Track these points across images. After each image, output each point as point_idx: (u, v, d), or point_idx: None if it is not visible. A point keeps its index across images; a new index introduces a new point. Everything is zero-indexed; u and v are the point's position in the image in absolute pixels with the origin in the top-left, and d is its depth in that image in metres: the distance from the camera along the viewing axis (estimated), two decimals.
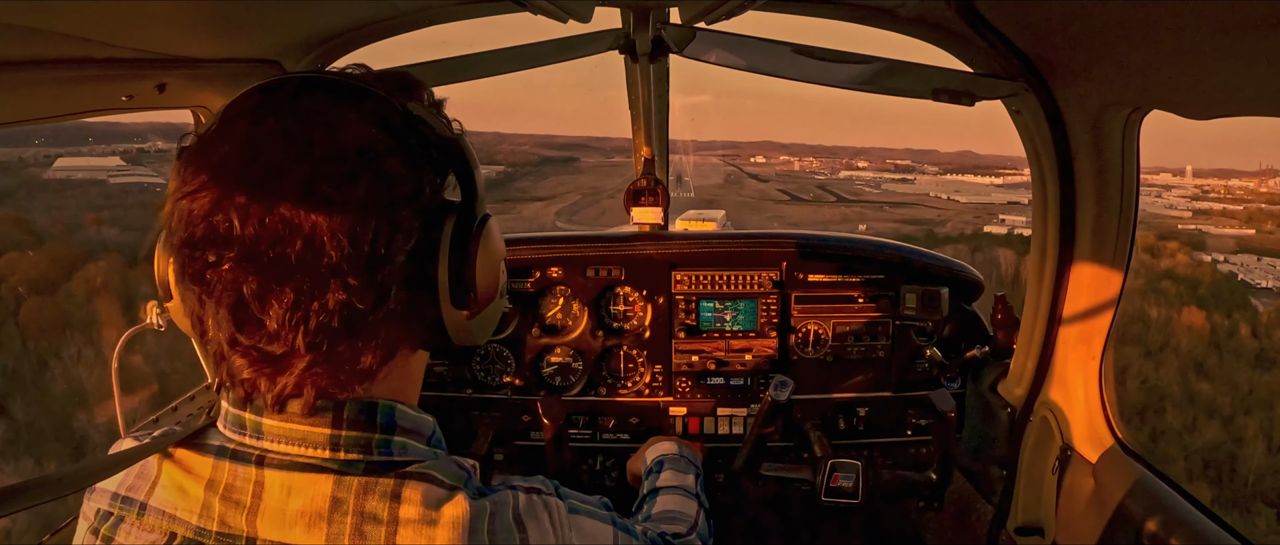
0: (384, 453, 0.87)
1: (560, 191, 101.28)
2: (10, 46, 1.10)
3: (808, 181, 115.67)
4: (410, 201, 0.84)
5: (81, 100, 1.37)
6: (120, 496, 0.89)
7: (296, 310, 0.78)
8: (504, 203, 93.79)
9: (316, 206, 0.77)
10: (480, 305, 0.93)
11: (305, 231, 0.77)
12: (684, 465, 1.90)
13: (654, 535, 1.28)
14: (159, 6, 1.24)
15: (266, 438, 0.85)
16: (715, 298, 2.61)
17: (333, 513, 0.82)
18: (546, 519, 0.92)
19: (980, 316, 2.63)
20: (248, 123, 0.81)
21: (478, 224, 0.92)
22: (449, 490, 0.86)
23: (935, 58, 1.89)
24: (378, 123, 0.83)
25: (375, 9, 1.91)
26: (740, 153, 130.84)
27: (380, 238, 0.80)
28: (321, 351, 0.80)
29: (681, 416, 2.65)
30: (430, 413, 0.98)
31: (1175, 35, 1.26)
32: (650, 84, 2.47)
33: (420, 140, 0.87)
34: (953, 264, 2.65)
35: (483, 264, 0.92)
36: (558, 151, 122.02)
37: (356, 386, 0.84)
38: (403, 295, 0.84)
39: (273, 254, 0.77)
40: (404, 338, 0.89)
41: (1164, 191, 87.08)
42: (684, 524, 1.55)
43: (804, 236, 2.63)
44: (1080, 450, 1.93)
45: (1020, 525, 2.16)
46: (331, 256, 0.77)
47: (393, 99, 0.87)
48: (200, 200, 0.78)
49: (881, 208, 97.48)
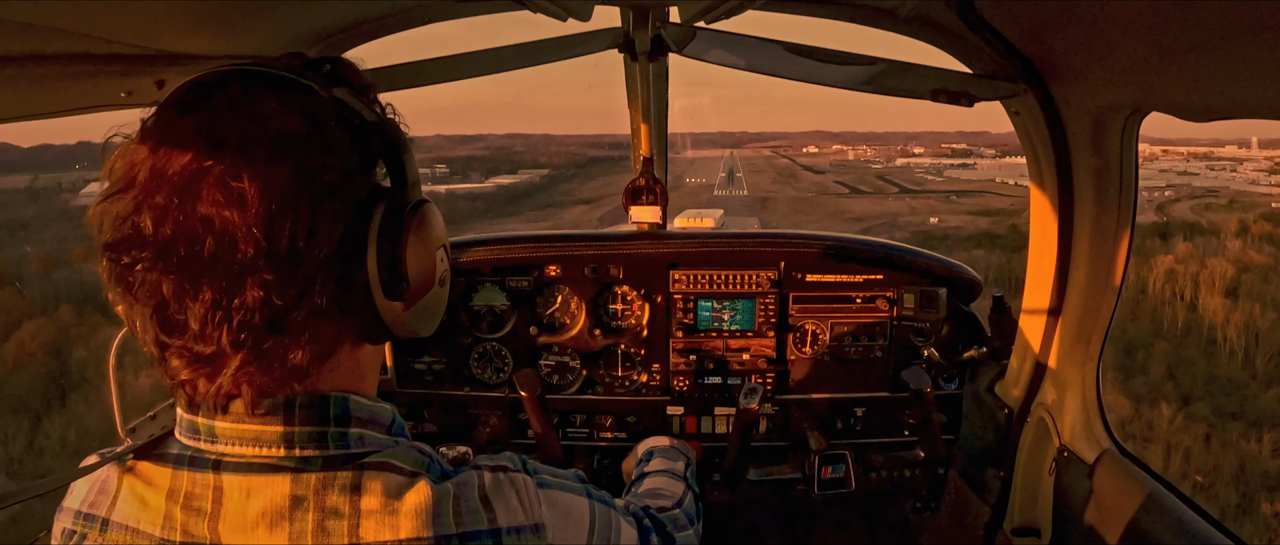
0: (341, 445, 0.85)
1: (607, 193, 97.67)
2: (10, 42, 1.10)
3: (864, 171, 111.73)
4: (334, 192, 0.81)
5: (81, 96, 1.37)
6: (83, 514, 0.88)
7: (216, 309, 0.76)
8: (546, 209, 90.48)
9: (231, 202, 0.75)
10: (416, 296, 0.91)
11: (217, 229, 0.75)
12: (673, 454, 1.91)
13: (636, 508, 1.27)
14: (159, 3, 1.24)
15: (221, 440, 0.84)
16: (713, 297, 2.61)
17: (294, 511, 0.81)
18: (514, 496, 0.91)
19: (978, 317, 2.63)
20: (168, 120, 0.80)
21: (409, 210, 0.89)
22: (410, 477, 0.85)
23: (935, 58, 1.90)
24: (300, 112, 0.81)
25: (375, 6, 1.91)
26: (791, 144, 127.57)
27: (298, 231, 0.78)
28: (249, 350, 0.79)
29: (679, 416, 2.66)
30: (429, 410, 0.97)
31: (1175, 36, 1.26)
32: (649, 83, 2.47)
33: (347, 127, 0.85)
34: (951, 264, 2.66)
35: (416, 253, 0.90)
36: (607, 151, 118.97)
37: (294, 383, 0.83)
38: (331, 289, 0.82)
39: (187, 253, 0.75)
40: (342, 332, 0.88)
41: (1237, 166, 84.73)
42: (668, 499, 1.54)
43: (802, 236, 2.64)
44: (1077, 451, 1.94)
45: (1017, 526, 2.17)
46: (246, 252, 0.76)
47: (318, 86, 0.85)
48: (120, 202, 0.78)
49: (948, 197, 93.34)
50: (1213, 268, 52.75)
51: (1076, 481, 1.91)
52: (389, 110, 0.92)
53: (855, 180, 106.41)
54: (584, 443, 2.68)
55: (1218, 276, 51.72)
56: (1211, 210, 72.29)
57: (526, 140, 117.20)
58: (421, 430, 2.68)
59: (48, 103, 1.34)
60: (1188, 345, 46.25)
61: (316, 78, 0.86)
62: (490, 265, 2.61)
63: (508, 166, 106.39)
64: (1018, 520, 2.16)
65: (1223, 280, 51.27)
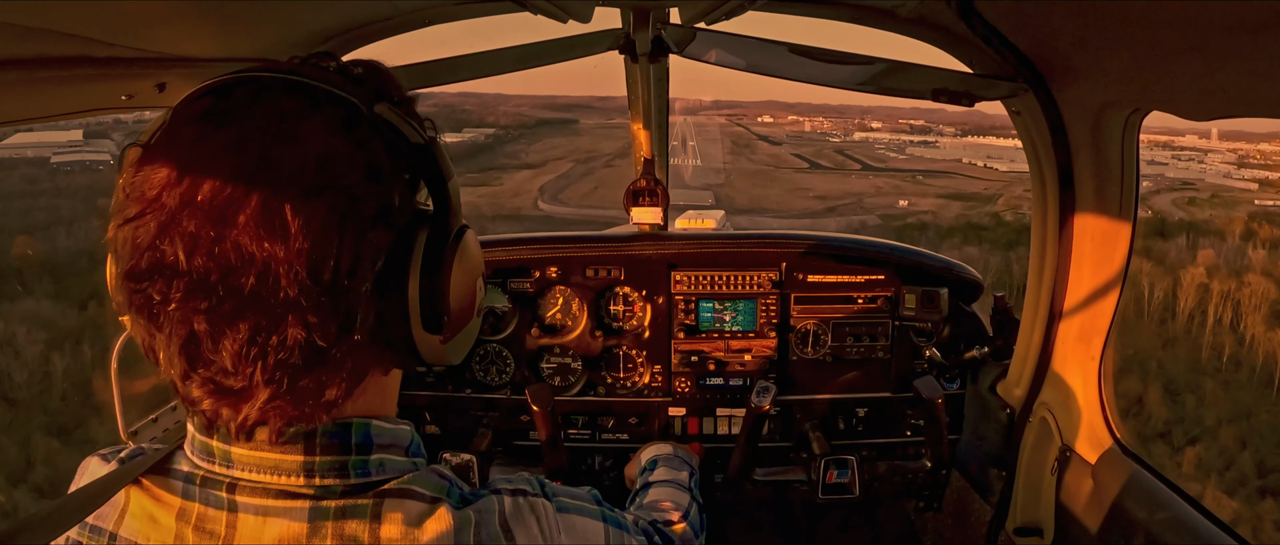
0: (361, 473, 0.82)
1: (552, 156, 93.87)
2: (9, 45, 1.09)
3: (822, 144, 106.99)
4: (378, 220, 0.76)
5: (81, 99, 1.37)
6: (90, 525, 0.85)
7: (252, 346, 0.72)
8: (486, 171, 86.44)
9: (272, 234, 0.70)
10: (455, 328, 0.87)
11: (258, 264, 0.70)
12: (677, 463, 1.91)
13: (645, 524, 1.26)
14: (159, 6, 1.24)
15: (236, 466, 0.80)
16: (714, 298, 2.61)
17: (310, 539, 0.78)
18: (534, 523, 0.89)
19: (980, 317, 2.63)
20: (195, 135, 0.73)
21: (453, 238, 0.84)
22: (431, 503, 0.83)
23: (935, 58, 1.90)
24: (341, 131, 0.75)
25: (375, 8, 1.91)
26: (746, 113, 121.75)
27: (343, 265, 0.73)
28: (282, 387, 0.75)
29: (680, 417, 2.65)
30: (430, 413, 0.96)
31: (1175, 36, 1.26)
32: (650, 84, 2.47)
33: (389, 148, 0.79)
34: (952, 264, 2.66)
35: (458, 282, 0.85)
36: (557, 113, 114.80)
37: (323, 415, 0.79)
38: (370, 322, 0.77)
39: (223, 289, 0.70)
40: (374, 362, 0.84)
41: (1202, 156, 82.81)
42: (675, 513, 1.54)
43: (803, 237, 2.64)
44: (1079, 451, 1.93)
45: (1019, 526, 2.16)
46: (289, 291, 0.71)
47: (358, 102, 0.79)
48: (144, 227, 0.71)
49: (914, 177, 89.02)
50: (1253, 285, 44.93)
51: (1079, 481, 1.91)
52: (428, 127, 0.86)
53: (814, 154, 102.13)
54: (586, 444, 2.68)
55: (1260, 296, 44.04)
56: (1196, 205, 68.88)
57: (479, 99, 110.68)
58: (422, 433, 2.67)
59: (47, 105, 1.34)
60: (1242, 386, 37.84)
61: (357, 91, 0.80)
62: (491, 267, 2.61)
63: (453, 125, 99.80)
64: (1020, 520, 2.16)
65: (1265, 300, 44.17)
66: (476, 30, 8.64)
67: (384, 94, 0.83)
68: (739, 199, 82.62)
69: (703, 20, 2.02)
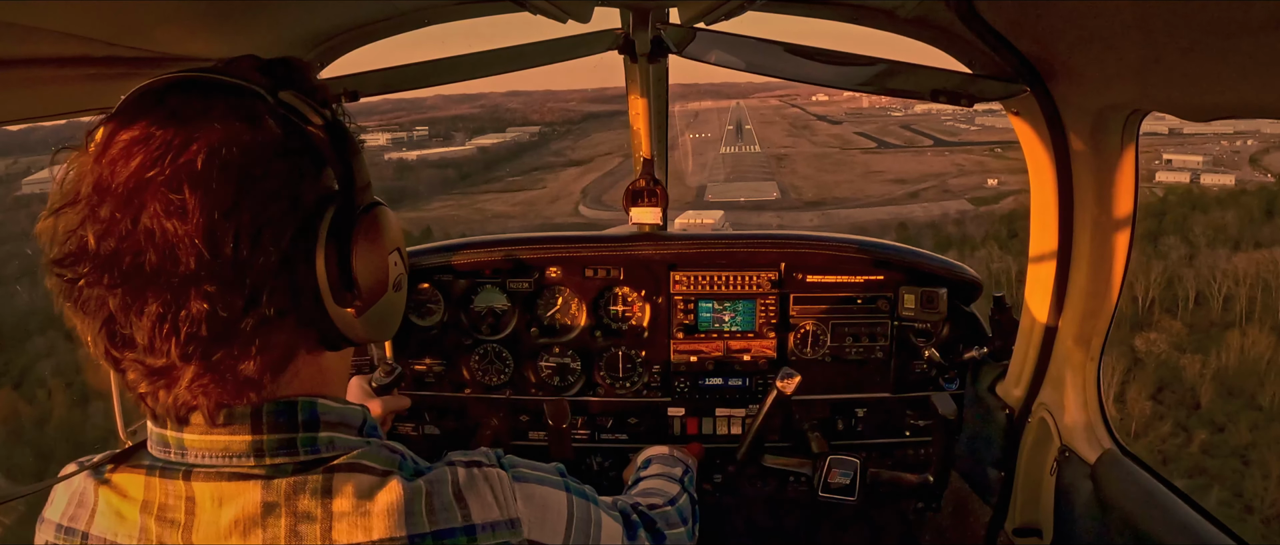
0: (310, 450, 0.85)
1: (600, 151, 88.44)
2: (10, 45, 1.10)
3: (885, 120, 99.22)
4: (277, 198, 0.80)
5: (81, 99, 1.37)
6: (64, 527, 0.88)
7: (163, 323, 0.76)
8: (530, 172, 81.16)
9: (172, 213, 0.74)
10: (368, 301, 0.89)
11: (159, 241, 0.75)
12: (672, 461, 1.93)
13: (624, 505, 1.27)
14: (159, 6, 1.24)
15: (190, 453, 0.84)
16: (714, 298, 2.61)
17: (266, 518, 0.81)
18: (489, 492, 0.90)
19: (979, 317, 2.63)
20: (111, 131, 0.79)
21: (360, 213, 0.87)
22: (382, 476, 0.85)
23: (935, 58, 1.89)
24: (242, 117, 0.80)
25: (375, 8, 1.91)
26: (800, 93, 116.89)
27: (242, 240, 0.76)
28: (199, 362, 0.78)
29: (680, 417, 2.65)
30: (430, 413, 0.97)
31: (1175, 37, 1.26)
32: (650, 85, 2.47)
33: (292, 131, 0.83)
34: (951, 265, 2.66)
35: (366, 257, 0.87)
36: (606, 105, 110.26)
37: (250, 393, 0.82)
38: (281, 298, 0.80)
39: (130, 267, 0.75)
40: (296, 340, 0.86)
41: None
42: (661, 498, 1.54)
43: (803, 237, 2.64)
44: (1078, 451, 1.94)
45: (1018, 526, 2.17)
46: (188, 264, 0.75)
47: (262, 91, 0.83)
48: (65, 217, 0.77)
49: (993, 150, 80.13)
50: None
51: (1078, 481, 1.91)
52: (338, 111, 0.90)
53: (878, 131, 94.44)
54: (585, 445, 2.68)
55: None
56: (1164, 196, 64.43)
57: (526, 98, 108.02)
58: (422, 433, 2.68)
59: (46, 106, 1.35)
60: None
61: (263, 80, 0.84)
62: (491, 267, 2.61)
63: (495, 125, 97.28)
64: (1019, 520, 2.17)
65: None
66: (476, 30, 8.72)
67: (290, 82, 0.87)
68: (806, 189, 75.34)
69: (702, 20, 2.03)
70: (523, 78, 35.04)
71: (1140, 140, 1.73)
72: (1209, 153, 73.10)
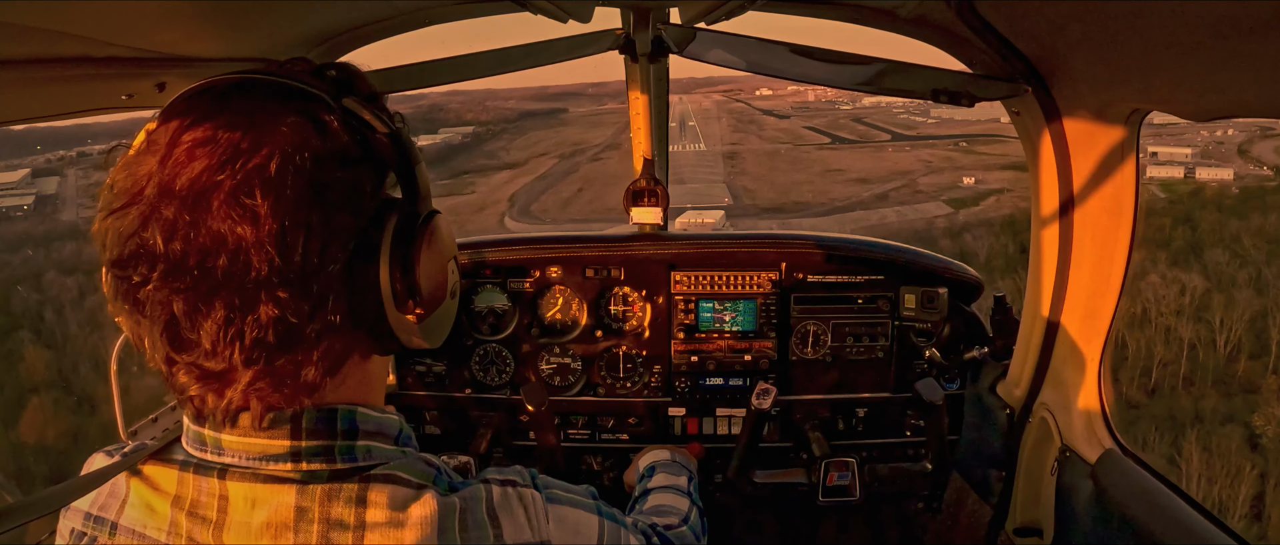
0: (347, 459, 0.85)
1: (536, 152, 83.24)
2: (9, 45, 1.10)
3: (835, 114, 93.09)
4: (345, 205, 0.80)
5: (81, 99, 1.37)
6: (93, 516, 0.88)
7: (229, 327, 0.75)
8: (460, 176, 75.33)
9: (243, 219, 0.74)
10: (428, 309, 0.90)
11: (230, 245, 0.74)
12: (676, 469, 1.92)
13: (644, 526, 1.27)
14: (159, 5, 1.24)
15: (227, 453, 0.84)
16: (714, 298, 2.61)
17: (298, 522, 0.81)
18: (522, 513, 0.90)
19: (979, 317, 2.63)
20: (174, 131, 0.78)
21: (422, 222, 0.88)
22: (416, 489, 0.85)
23: (935, 58, 1.88)
24: (309, 123, 0.80)
25: (375, 8, 1.91)
26: (742, 88, 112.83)
27: (312, 246, 0.77)
28: (261, 367, 0.78)
29: (680, 417, 2.65)
30: (430, 413, 0.97)
31: (1175, 36, 1.26)
32: (650, 85, 2.47)
33: (356, 138, 0.84)
34: (952, 265, 2.66)
35: (428, 265, 0.88)
36: (545, 104, 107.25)
37: (304, 398, 0.82)
38: (343, 304, 0.81)
39: (198, 270, 0.74)
40: (352, 345, 0.87)
41: None
42: (675, 516, 1.55)
43: (803, 237, 2.64)
44: (1079, 451, 1.93)
45: (1019, 526, 2.17)
46: (260, 270, 0.75)
47: (326, 97, 0.83)
48: (127, 217, 0.76)
49: (958, 144, 73.70)
50: None
51: (1078, 481, 1.91)
52: (397, 119, 0.90)
53: (829, 125, 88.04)
54: (585, 445, 2.68)
55: None
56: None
57: (465, 96, 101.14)
58: (422, 433, 2.67)
59: (48, 105, 1.35)
60: None
61: (324, 86, 0.85)
62: (491, 267, 2.61)
63: (428, 126, 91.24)
64: (1020, 520, 2.16)
65: None
66: (476, 30, 8.66)
67: (351, 89, 0.88)
68: (763, 191, 68.43)
69: (703, 20, 2.03)
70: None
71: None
72: (1192, 144, 69.56)
